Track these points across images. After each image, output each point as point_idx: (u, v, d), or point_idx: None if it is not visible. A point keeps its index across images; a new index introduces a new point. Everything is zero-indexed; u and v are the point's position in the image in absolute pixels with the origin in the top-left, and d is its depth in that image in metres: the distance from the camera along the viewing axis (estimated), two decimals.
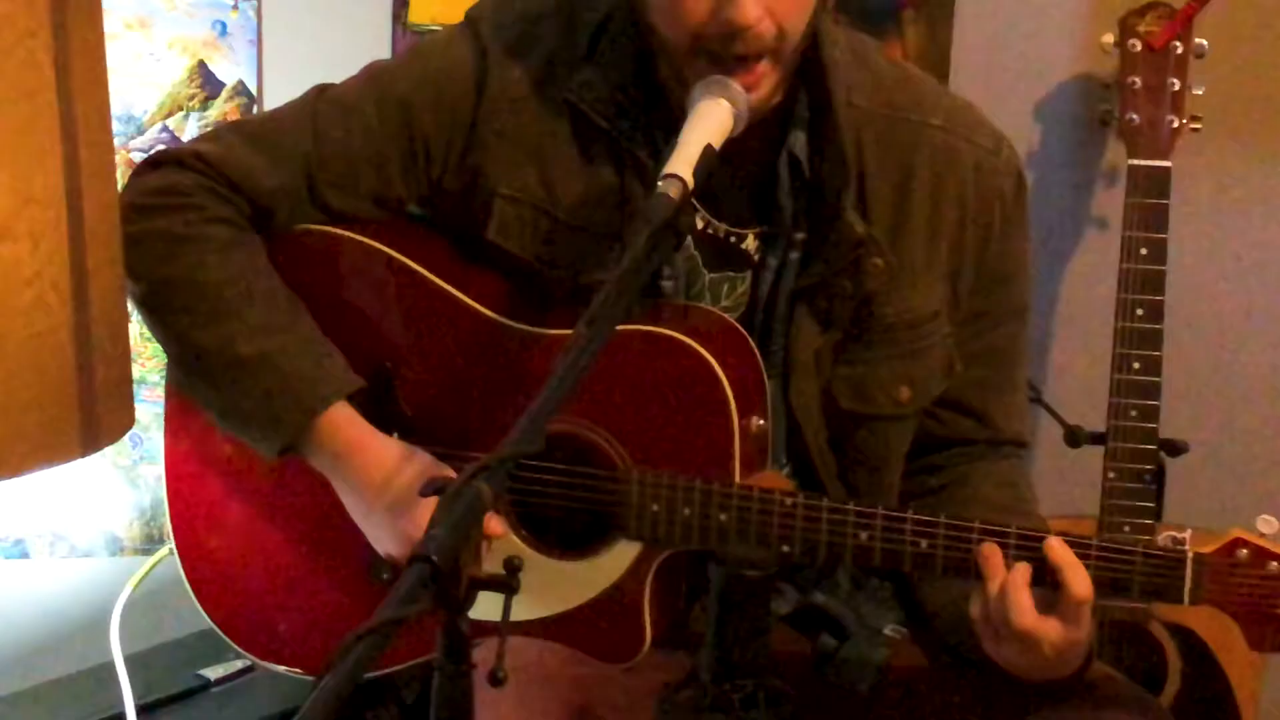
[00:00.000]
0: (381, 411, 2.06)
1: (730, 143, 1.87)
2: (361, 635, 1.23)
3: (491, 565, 1.43)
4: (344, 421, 2.03)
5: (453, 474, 2.00)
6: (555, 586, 2.04)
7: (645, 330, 1.98)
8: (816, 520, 1.95)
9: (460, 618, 1.38)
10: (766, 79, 1.93)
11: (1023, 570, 1.88)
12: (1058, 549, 1.88)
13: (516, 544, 2.04)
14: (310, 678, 2.11)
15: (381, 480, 2.00)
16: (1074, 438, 2.73)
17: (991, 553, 1.90)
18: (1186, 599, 1.90)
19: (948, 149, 2.09)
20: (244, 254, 2.06)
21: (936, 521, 1.92)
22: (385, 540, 2.02)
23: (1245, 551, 1.88)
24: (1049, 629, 1.87)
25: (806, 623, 2.17)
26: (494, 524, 1.96)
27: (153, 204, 2.05)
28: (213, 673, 2.37)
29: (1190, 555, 1.89)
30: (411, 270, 2.08)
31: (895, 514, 1.94)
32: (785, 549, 1.96)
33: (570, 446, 2.01)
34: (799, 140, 2.05)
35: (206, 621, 2.19)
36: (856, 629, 2.15)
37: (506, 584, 1.40)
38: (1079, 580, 1.86)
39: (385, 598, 1.97)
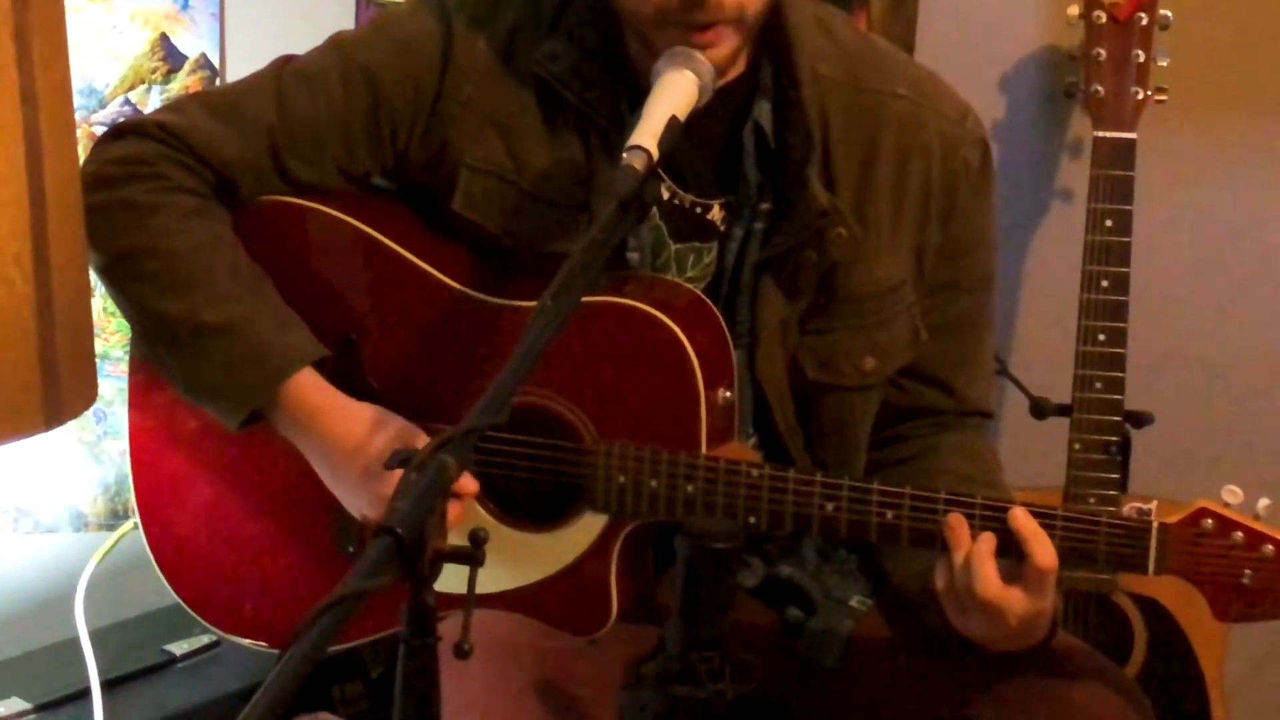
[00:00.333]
0: (347, 383, 2.05)
1: (696, 114, 1.87)
2: (325, 608, 1.23)
3: (457, 538, 1.43)
4: (311, 387, 2.02)
5: (426, 438, 1.99)
6: (522, 559, 2.04)
7: (611, 302, 1.98)
8: (783, 491, 1.95)
9: (425, 590, 1.38)
10: (727, 40, 1.93)
11: (988, 540, 1.88)
12: (1022, 519, 1.88)
13: (482, 516, 2.04)
14: (276, 651, 2.10)
15: (356, 443, 2.00)
16: (1039, 409, 2.73)
17: (957, 523, 1.90)
18: (1152, 569, 1.91)
19: (913, 120, 2.09)
20: (207, 223, 2.05)
21: (902, 492, 1.93)
22: (361, 504, 2.02)
23: (1210, 521, 1.89)
24: (1013, 599, 1.87)
25: (773, 595, 2.18)
26: (468, 483, 1.95)
27: (115, 174, 2.04)
28: (178, 648, 2.36)
29: (1155, 525, 1.89)
30: (377, 241, 2.07)
31: (861, 485, 1.94)
32: (752, 520, 1.96)
33: (536, 419, 2.01)
34: (764, 110, 2.05)
35: (172, 597, 2.18)
36: (823, 601, 2.15)
37: (472, 556, 1.40)
38: (1043, 550, 1.87)
39: (351, 571, 1.99)
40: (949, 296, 2.18)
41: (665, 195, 2.07)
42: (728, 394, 2.01)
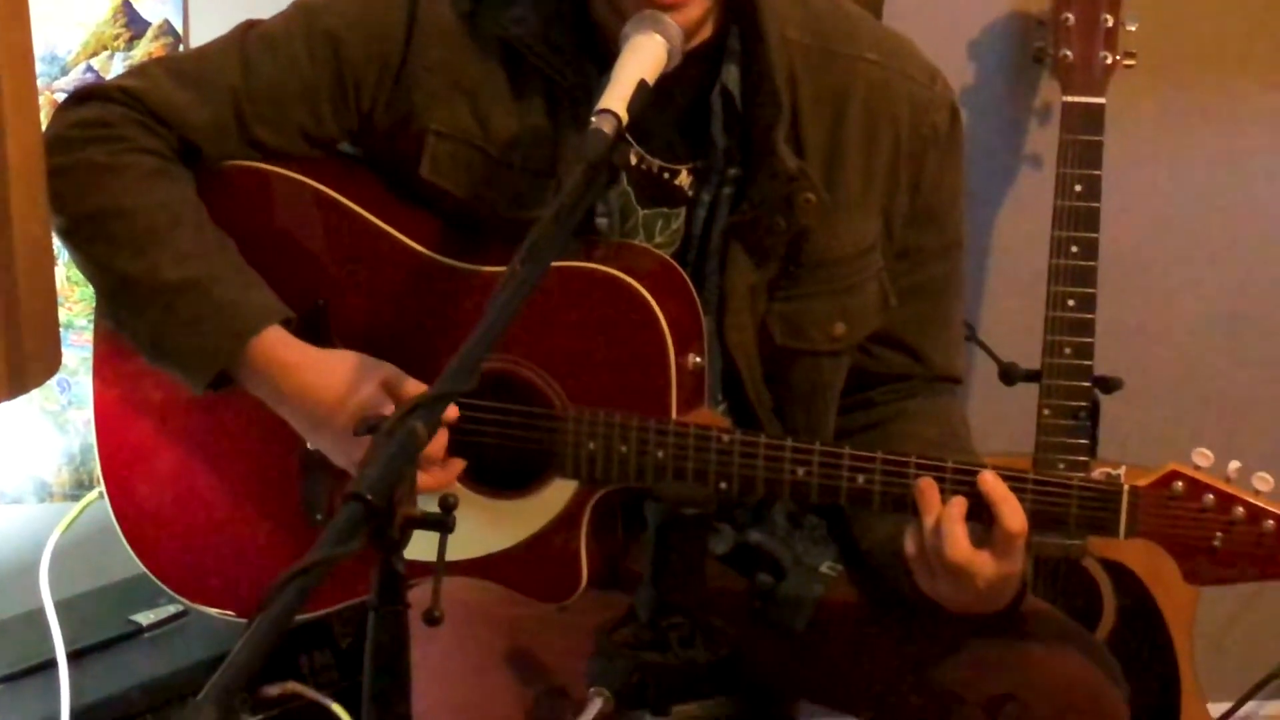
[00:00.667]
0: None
1: (664, 77, 1.86)
2: (293, 576, 1.22)
3: (427, 504, 1.42)
4: (281, 342, 2.00)
5: (413, 382, 1.98)
6: (491, 526, 2.03)
7: (580, 267, 1.97)
8: (754, 457, 1.94)
9: (395, 557, 1.37)
10: (695, 3, 1.92)
11: (958, 504, 1.88)
12: (992, 483, 1.88)
13: (458, 472, 2.02)
14: (244, 621, 2.09)
15: (337, 396, 1.98)
16: (1008, 375, 2.73)
17: (928, 487, 1.90)
18: (1122, 532, 1.91)
19: (882, 84, 2.08)
20: (170, 183, 2.04)
21: (873, 457, 1.93)
22: (347, 453, 1.99)
23: (1181, 484, 1.89)
24: (982, 563, 1.87)
25: (743, 561, 2.18)
26: (451, 410, 1.93)
27: (77, 136, 2.03)
28: (144, 618, 2.35)
29: (1126, 489, 1.90)
30: (344, 207, 2.06)
31: (832, 450, 1.94)
32: (723, 485, 1.96)
33: (506, 385, 2.00)
34: (732, 75, 2.04)
35: (138, 567, 2.17)
36: (793, 567, 2.15)
37: (442, 522, 1.39)
38: (1013, 514, 1.87)
39: (320, 538, 1.98)
40: (917, 261, 2.17)
41: (633, 160, 2.06)
42: (698, 359, 2.00)
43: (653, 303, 1.96)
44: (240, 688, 1.15)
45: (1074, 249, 2.62)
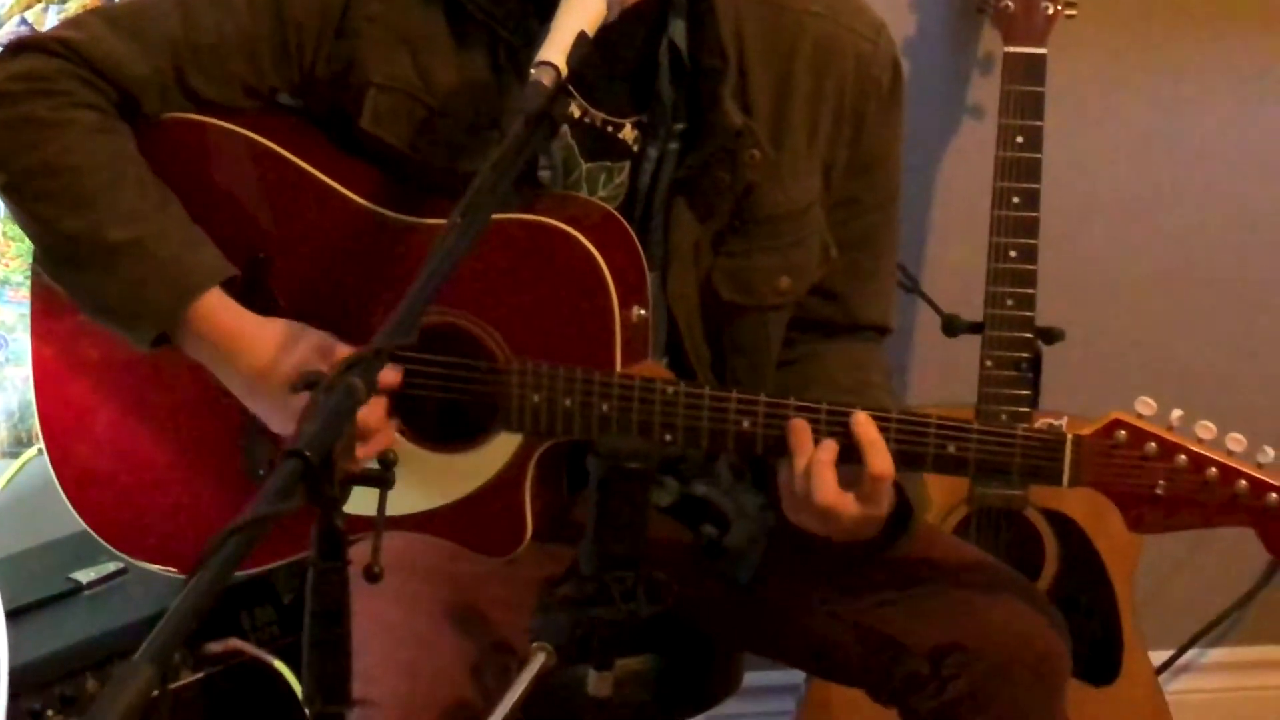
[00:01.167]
0: (256, 302, 2.03)
1: (610, 30, 1.85)
2: (231, 533, 1.21)
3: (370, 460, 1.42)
4: (220, 306, 1.99)
5: (346, 349, 1.97)
6: (435, 480, 2.03)
7: (523, 219, 1.96)
8: (698, 408, 1.94)
9: (334, 514, 1.36)
10: None
11: (828, 448, 1.90)
12: (862, 426, 1.90)
13: (395, 437, 2.02)
14: (186, 577, 2.08)
15: (269, 362, 1.97)
16: (951, 326, 2.73)
17: (800, 428, 1.91)
18: (1066, 481, 1.91)
19: (829, 38, 2.08)
20: (111, 140, 2.02)
21: (819, 407, 1.92)
22: (286, 420, 1.99)
23: (1124, 433, 1.89)
24: (848, 504, 1.89)
25: (688, 514, 2.18)
26: (390, 374, 1.93)
27: (15, 90, 2.00)
28: (85, 575, 2.33)
29: (1069, 438, 1.90)
30: (284, 159, 2.05)
31: (777, 401, 1.94)
32: (667, 438, 1.96)
33: (449, 338, 1.99)
34: (679, 29, 2.03)
35: (78, 524, 2.16)
36: (737, 518, 2.15)
37: (382, 478, 1.39)
38: (879, 458, 1.89)
39: (257, 495, 1.97)
40: (852, 212, 2.18)
41: (576, 113, 2.04)
42: (642, 312, 2.00)
43: (596, 255, 1.95)
44: (177, 646, 1.14)
45: (1016, 200, 2.62)
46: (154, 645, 1.13)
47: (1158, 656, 3.16)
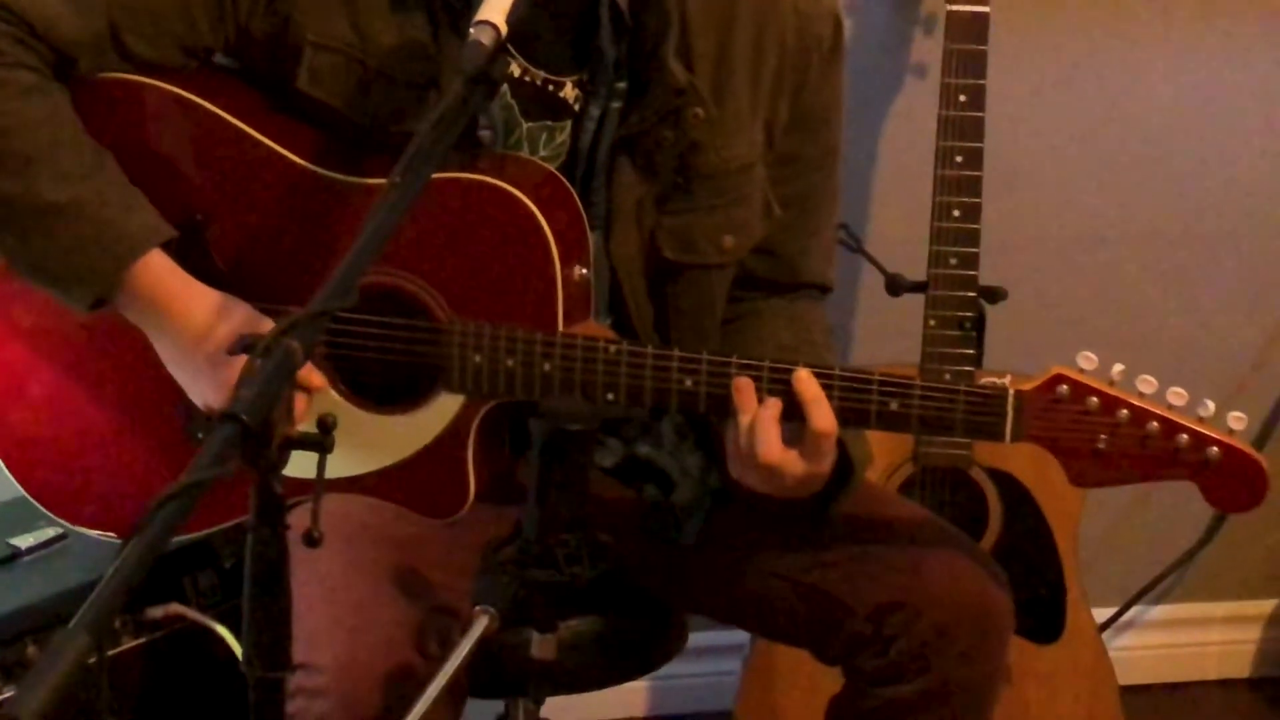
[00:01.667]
0: (193, 265, 2.01)
1: None
2: (168, 499, 1.20)
3: (310, 423, 1.40)
4: (159, 270, 1.97)
5: (271, 325, 1.95)
6: (377, 442, 2.01)
7: (463, 178, 1.95)
8: (641, 367, 1.94)
9: (273, 478, 1.35)
10: None
11: (773, 406, 1.90)
12: (804, 383, 1.89)
13: (335, 400, 2.01)
14: None
15: (201, 330, 1.96)
16: (894, 286, 2.73)
17: (745, 386, 1.91)
18: (1008, 436, 1.92)
19: None
20: (48, 100, 1.99)
21: (761, 364, 1.92)
22: (207, 392, 1.98)
23: (1066, 388, 1.89)
24: (791, 461, 1.89)
25: (631, 475, 2.18)
26: (314, 377, 1.92)
27: None
28: (23, 541, 2.31)
29: (1011, 393, 1.91)
30: (221, 120, 2.02)
31: (719, 359, 1.93)
32: (610, 397, 1.95)
33: (390, 299, 1.98)
34: None
35: (16, 489, 2.14)
36: (681, 479, 2.15)
37: (320, 443, 1.38)
38: (822, 415, 1.89)
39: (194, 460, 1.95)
40: (793, 170, 2.18)
41: (516, 72, 2.03)
42: (584, 271, 1.99)
43: (537, 214, 1.94)
44: (113, 614, 1.13)
45: (959, 159, 2.62)
46: (90, 613, 1.12)
47: (1101, 614, 3.18)
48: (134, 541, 1.16)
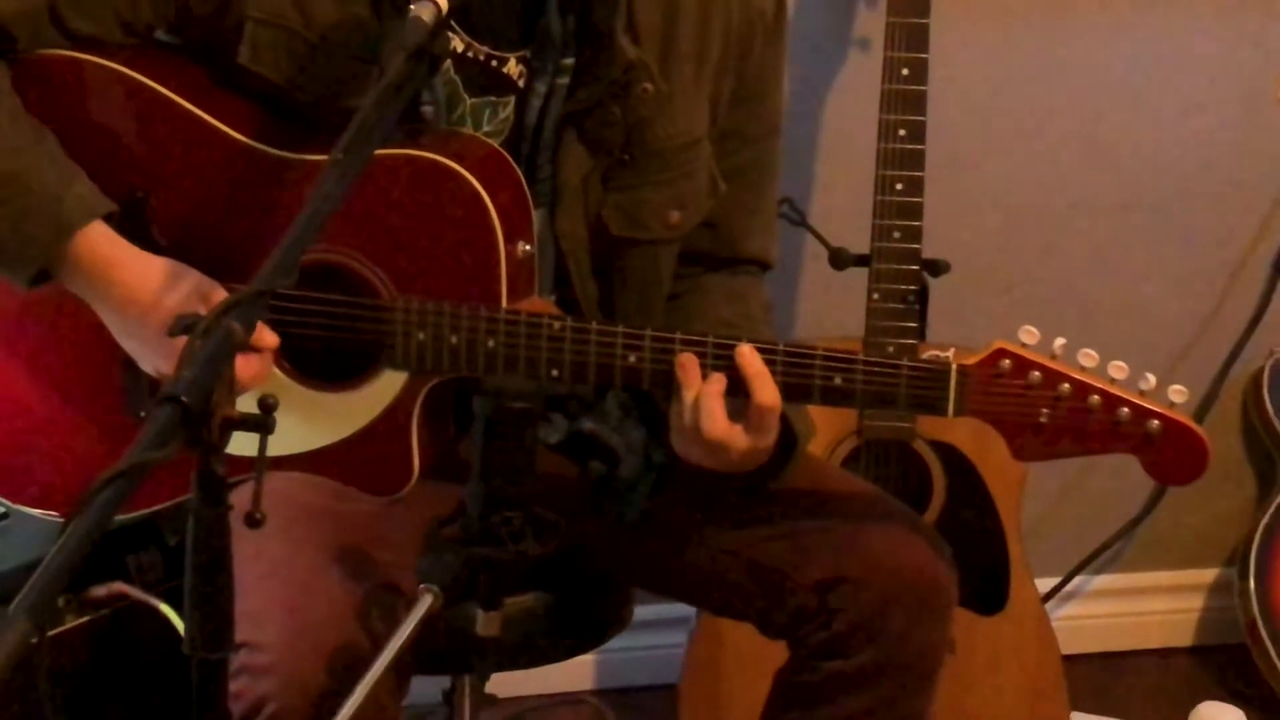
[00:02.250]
0: (134, 241, 1.99)
1: None
2: (109, 480, 1.20)
3: (253, 401, 1.40)
4: (103, 240, 1.96)
5: (224, 292, 1.95)
6: (320, 419, 2.01)
7: (406, 154, 1.94)
8: (585, 343, 1.94)
9: (214, 459, 1.34)
10: None
11: (717, 381, 1.91)
12: (748, 357, 1.90)
13: (278, 377, 2.00)
14: None
15: (150, 299, 1.95)
16: (838, 259, 2.74)
17: (688, 362, 1.92)
18: (951, 411, 1.92)
19: None
20: None
21: (705, 339, 1.92)
22: (160, 361, 1.97)
23: (1008, 362, 1.90)
24: (737, 436, 1.90)
25: (576, 450, 2.17)
26: (268, 336, 1.91)
27: None
28: None
29: (954, 367, 1.91)
30: (162, 96, 2.01)
31: (664, 335, 1.94)
32: (554, 373, 1.95)
33: (333, 276, 1.97)
34: None
35: None
36: (626, 455, 2.15)
37: (262, 423, 1.37)
38: (765, 389, 1.89)
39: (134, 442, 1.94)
40: (734, 145, 2.18)
41: (459, 48, 2.03)
42: (527, 247, 1.99)
43: (481, 190, 1.93)
44: (54, 596, 1.13)
45: (901, 132, 2.63)
46: (30, 596, 1.11)
47: (1044, 584, 3.20)
48: (74, 523, 1.16)
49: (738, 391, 1.91)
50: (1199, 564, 3.52)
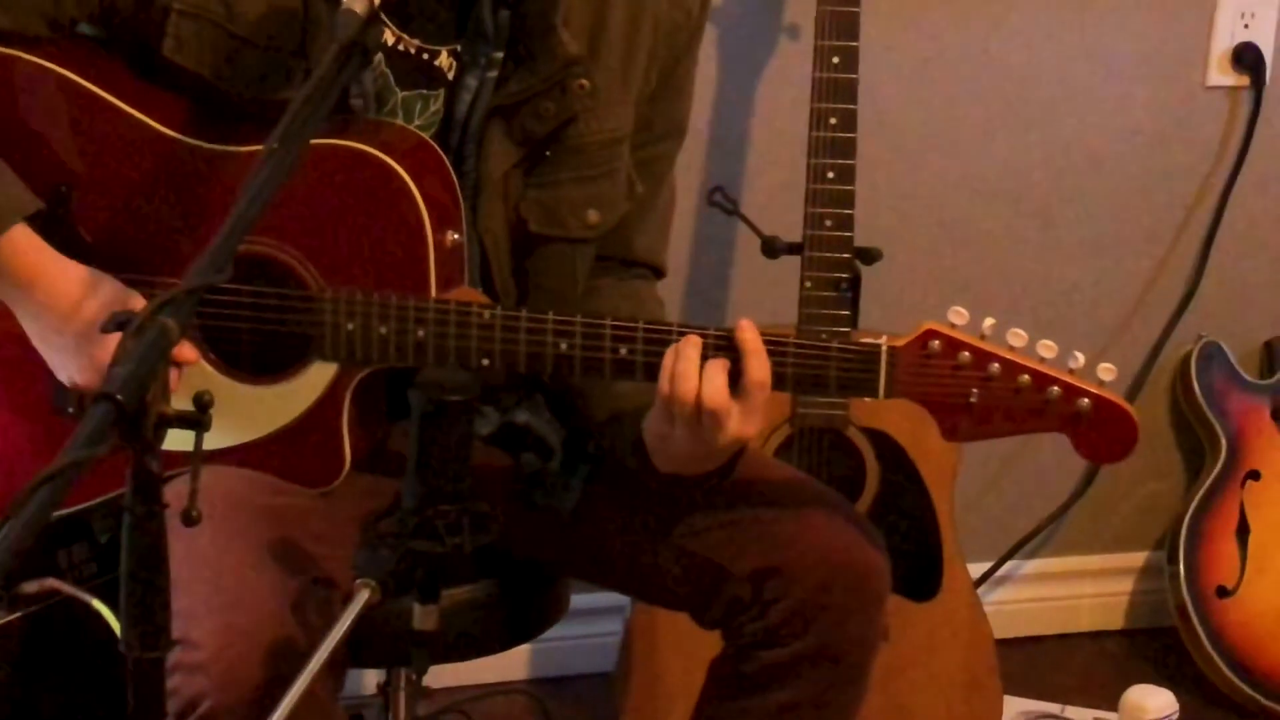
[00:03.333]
0: (59, 237, 1.98)
1: None
2: (43, 481, 1.19)
3: (184, 396, 1.39)
4: (25, 245, 1.94)
5: (142, 301, 1.94)
6: (251, 413, 2.00)
7: (333, 144, 1.93)
8: (515, 331, 1.94)
9: (149, 457, 1.34)
10: None
11: (720, 362, 1.89)
12: (749, 333, 1.90)
13: (206, 370, 1.99)
14: None
15: (69, 307, 1.93)
16: (771, 248, 2.74)
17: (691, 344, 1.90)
18: (882, 392, 1.93)
19: None
20: None
21: (635, 327, 1.93)
22: (75, 370, 1.96)
23: (937, 343, 1.90)
24: (732, 411, 1.88)
25: (509, 442, 2.18)
26: (187, 351, 1.91)
27: None
28: None
29: (884, 349, 1.92)
30: (85, 90, 1.99)
31: (594, 322, 1.93)
32: (485, 362, 1.94)
33: (260, 268, 1.96)
34: None
35: None
36: (559, 448, 2.16)
37: (197, 421, 1.37)
38: (760, 366, 1.88)
39: (71, 432, 1.93)
40: (641, 139, 2.18)
41: (390, 41, 2.02)
42: (456, 237, 1.99)
43: (408, 180, 1.93)
44: None
45: (833, 121, 2.63)
46: None
47: (976, 569, 3.22)
48: (9, 524, 1.15)
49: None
50: (1129, 548, 3.54)
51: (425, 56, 2.04)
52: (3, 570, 1.13)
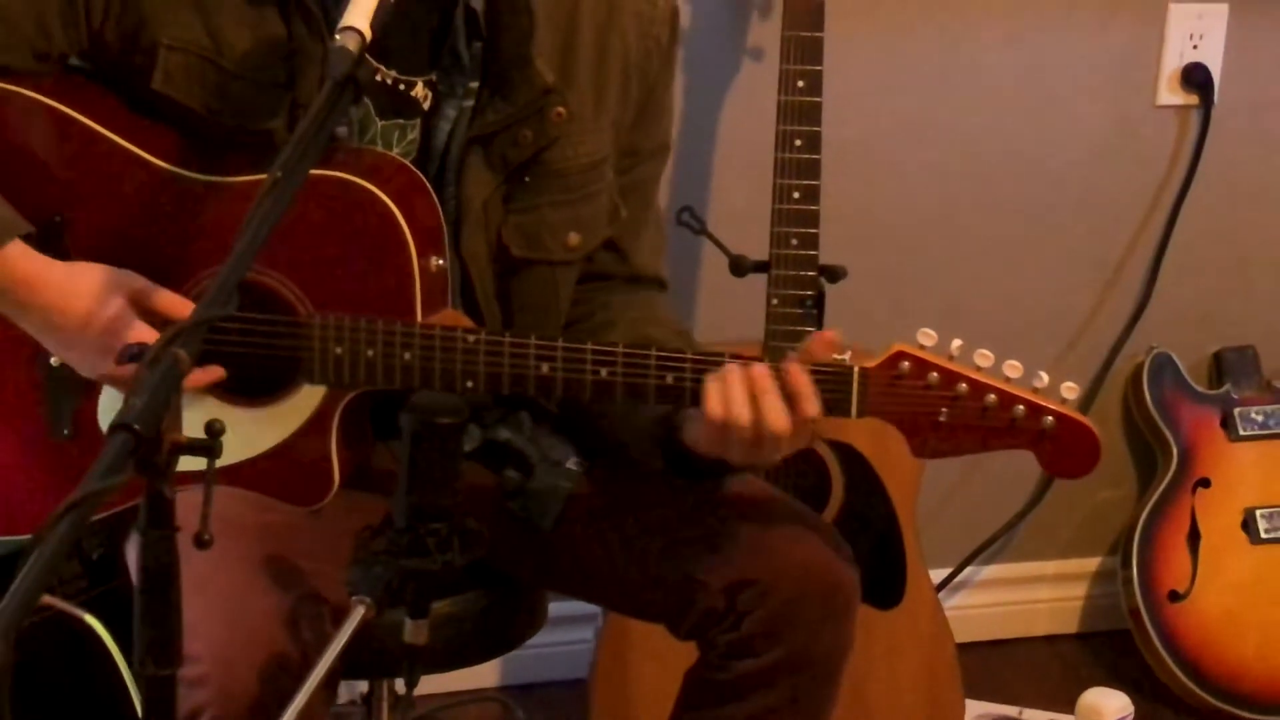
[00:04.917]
0: None
1: None
2: (66, 510, 1.24)
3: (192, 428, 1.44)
4: (22, 257, 1.97)
5: (164, 293, 1.97)
6: (241, 434, 2.03)
7: (321, 174, 1.96)
8: (498, 354, 1.98)
9: (164, 484, 1.39)
10: None
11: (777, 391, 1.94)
12: (800, 379, 1.94)
13: (199, 393, 2.02)
14: None
15: (90, 307, 1.95)
16: (738, 266, 2.78)
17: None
18: (854, 412, 1.96)
19: (608, 2, 2.14)
20: None
21: (614, 350, 1.97)
22: (96, 363, 1.97)
23: (907, 364, 1.94)
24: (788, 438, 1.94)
25: (491, 458, 2.21)
26: (214, 369, 1.95)
27: None
28: None
29: (856, 370, 1.96)
30: (77, 122, 2.03)
31: (575, 345, 1.98)
32: (469, 384, 1.98)
33: (249, 294, 1.99)
34: None
35: None
36: (540, 463, 2.19)
37: (209, 447, 1.41)
38: (813, 406, 1.94)
39: (67, 453, 1.96)
40: (629, 163, 2.23)
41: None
42: (440, 261, 2.03)
43: (392, 206, 1.97)
44: (22, 621, 1.17)
45: (798, 143, 2.66)
46: (2, 621, 1.15)
47: (936, 575, 3.26)
48: (38, 552, 1.20)
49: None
50: (1083, 553, 3.60)
51: (401, 87, 2.07)
52: (35, 595, 1.18)
